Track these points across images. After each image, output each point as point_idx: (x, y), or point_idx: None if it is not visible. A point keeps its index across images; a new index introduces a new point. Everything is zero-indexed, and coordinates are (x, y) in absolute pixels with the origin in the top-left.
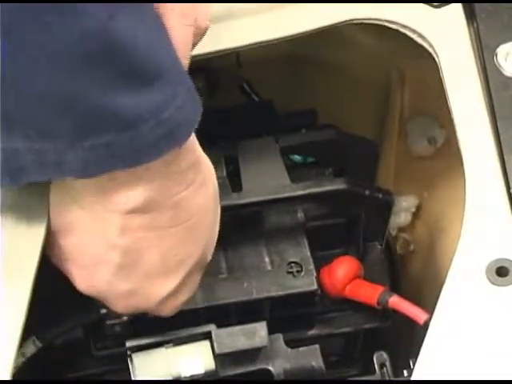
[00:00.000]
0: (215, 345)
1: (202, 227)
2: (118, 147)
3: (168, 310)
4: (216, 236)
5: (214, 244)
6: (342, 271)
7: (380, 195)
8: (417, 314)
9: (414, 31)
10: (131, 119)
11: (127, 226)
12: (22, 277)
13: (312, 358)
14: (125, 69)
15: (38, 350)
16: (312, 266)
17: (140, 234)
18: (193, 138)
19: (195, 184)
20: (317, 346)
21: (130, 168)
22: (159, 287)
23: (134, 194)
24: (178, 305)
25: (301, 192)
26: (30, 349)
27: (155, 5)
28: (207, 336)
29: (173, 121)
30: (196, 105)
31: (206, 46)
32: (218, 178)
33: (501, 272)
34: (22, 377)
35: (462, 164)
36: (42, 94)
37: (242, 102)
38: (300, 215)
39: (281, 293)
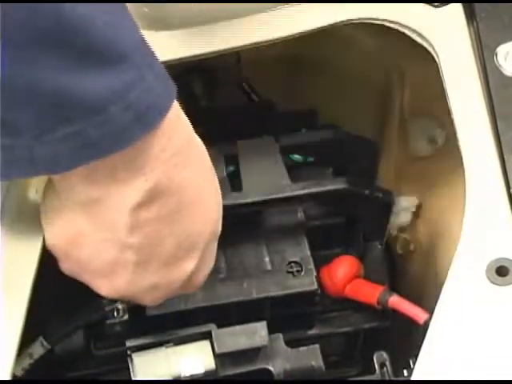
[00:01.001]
0: (215, 344)
1: (207, 201)
2: (89, 135)
3: (193, 287)
4: (221, 204)
5: (221, 213)
6: (342, 271)
7: (380, 195)
8: (417, 313)
9: (413, 31)
10: (96, 102)
11: (136, 223)
12: (21, 277)
13: (312, 357)
14: (82, 49)
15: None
16: (312, 266)
17: (150, 226)
18: (182, 115)
19: (193, 161)
20: (317, 346)
21: (103, 157)
22: (180, 271)
23: (136, 188)
24: (202, 279)
25: (301, 191)
26: (38, 350)
27: None
28: (207, 336)
29: (141, 103)
30: (167, 89)
31: (205, 46)
32: (218, 177)
33: (501, 271)
34: (23, 376)
35: (462, 164)
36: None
37: (242, 101)
38: (300, 215)
39: (281, 292)
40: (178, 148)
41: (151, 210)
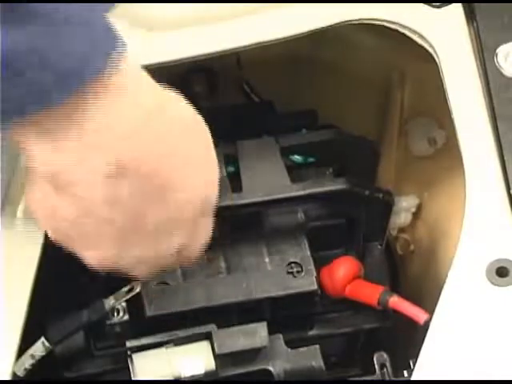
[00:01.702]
0: (215, 345)
1: (197, 167)
2: (7, 94)
3: (187, 261)
4: (217, 173)
5: (217, 183)
6: (342, 271)
7: (380, 195)
8: (417, 314)
9: (414, 31)
10: (9, 61)
11: (111, 198)
12: (22, 277)
13: (312, 358)
14: None
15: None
16: (312, 266)
17: (126, 203)
18: (142, 81)
19: (171, 133)
20: (317, 347)
21: (25, 117)
22: (167, 245)
23: (100, 160)
24: (195, 253)
25: (301, 192)
26: (40, 350)
27: None
28: (207, 336)
29: (59, 64)
30: (94, 52)
31: (206, 47)
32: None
33: (501, 272)
34: (25, 377)
35: (462, 164)
36: None
37: (242, 102)
38: (300, 215)
39: (281, 293)
40: (140, 119)
41: (123, 187)
